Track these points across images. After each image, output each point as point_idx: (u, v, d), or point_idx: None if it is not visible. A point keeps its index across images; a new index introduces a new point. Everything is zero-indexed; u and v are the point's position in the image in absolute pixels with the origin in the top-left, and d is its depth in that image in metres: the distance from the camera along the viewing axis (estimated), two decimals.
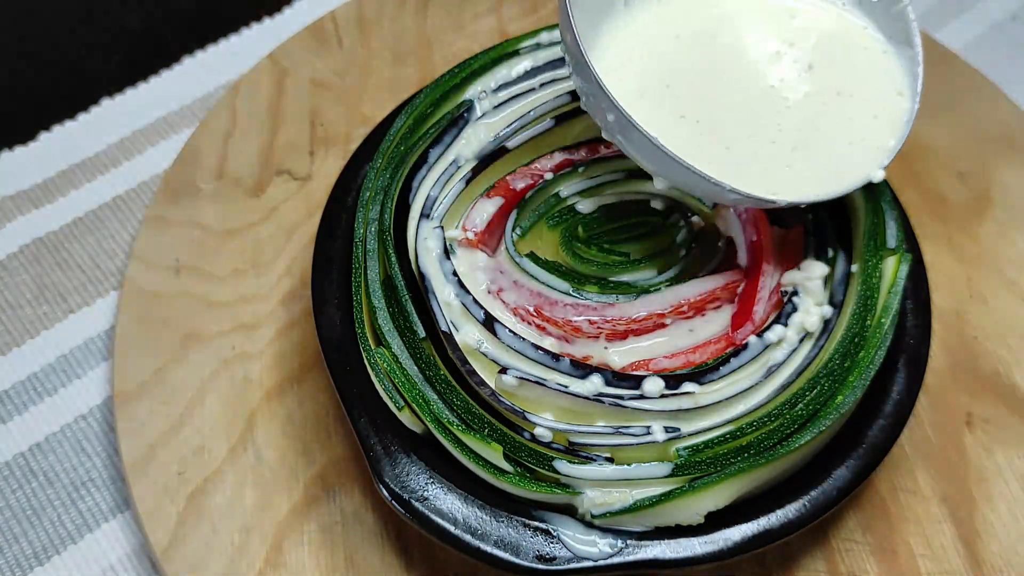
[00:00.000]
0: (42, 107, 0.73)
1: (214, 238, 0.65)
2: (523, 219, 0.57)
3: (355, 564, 0.55)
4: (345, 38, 0.74)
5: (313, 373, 0.60)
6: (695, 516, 0.50)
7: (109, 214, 0.68)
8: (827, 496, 0.51)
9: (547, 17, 0.76)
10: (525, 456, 0.50)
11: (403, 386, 0.52)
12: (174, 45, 0.76)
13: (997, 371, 0.62)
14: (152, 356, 0.60)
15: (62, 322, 0.64)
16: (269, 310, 0.63)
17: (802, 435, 0.50)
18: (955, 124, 0.71)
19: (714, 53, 0.54)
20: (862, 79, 0.54)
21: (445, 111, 0.60)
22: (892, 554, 0.56)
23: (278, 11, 0.79)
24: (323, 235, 0.59)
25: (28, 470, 0.59)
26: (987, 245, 0.66)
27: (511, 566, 0.49)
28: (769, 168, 0.51)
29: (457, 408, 0.52)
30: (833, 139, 0.52)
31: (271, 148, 0.69)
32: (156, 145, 0.71)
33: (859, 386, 0.52)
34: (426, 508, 0.50)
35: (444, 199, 0.57)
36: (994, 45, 0.80)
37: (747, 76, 0.53)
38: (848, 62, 0.54)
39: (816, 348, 0.53)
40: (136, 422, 0.58)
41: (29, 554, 0.57)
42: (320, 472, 0.57)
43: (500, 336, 0.52)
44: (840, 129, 0.53)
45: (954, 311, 0.64)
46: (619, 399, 0.51)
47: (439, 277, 0.54)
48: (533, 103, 0.59)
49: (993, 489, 0.58)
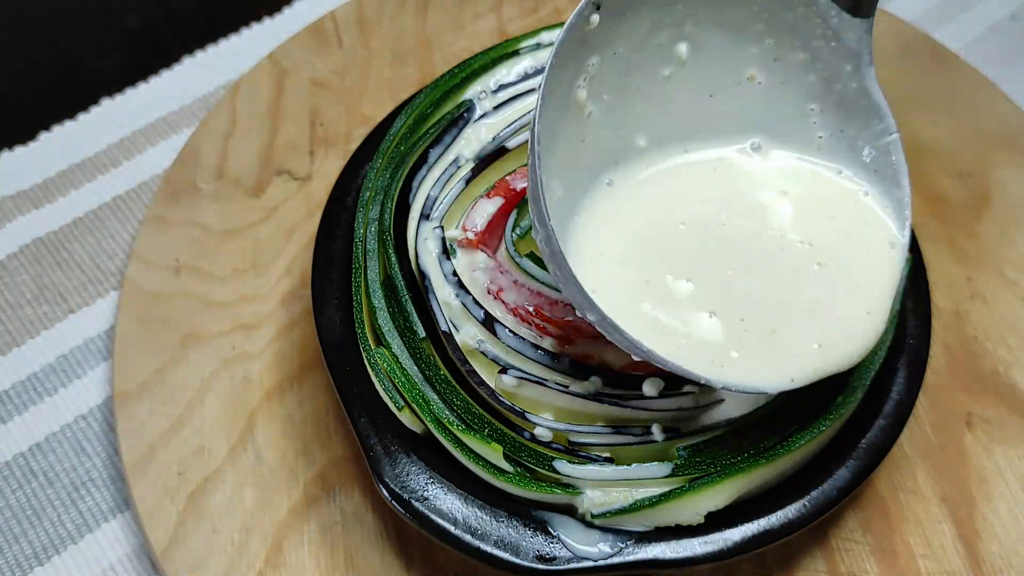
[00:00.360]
0: (42, 107, 0.73)
1: (214, 238, 0.65)
2: (523, 219, 0.57)
3: (355, 564, 0.55)
4: (345, 38, 0.74)
5: (313, 373, 0.60)
6: (695, 516, 0.50)
7: (109, 214, 0.68)
8: (827, 496, 0.51)
9: (547, 17, 0.76)
10: (525, 456, 0.50)
11: (403, 386, 0.52)
12: (174, 45, 0.76)
13: (997, 371, 0.62)
14: (152, 356, 0.60)
15: (62, 322, 0.64)
16: (269, 310, 0.63)
17: (802, 435, 0.50)
18: (955, 124, 0.71)
19: (710, 236, 0.50)
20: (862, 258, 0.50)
21: (445, 111, 0.60)
22: (892, 554, 0.56)
23: (278, 11, 0.79)
24: (323, 235, 0.59)
25: (28, 470, 0.59)
26: (987, 245, 0.66)
27: (511, 566, 0.49)
28: (778, 353, 0.48)
29: (457, 408, 0.52)
30: (839, 313, 0.49)
31: (271, 148, 0.69)
32: (156, 145, 0.71)
33: (859, 386, 0.52)
34: (426, 508, 0.50)
35: (444, 199, 0.57)
36: (994, 45, 0.80)
37: (745, 254, 0.50)
38: (846, 238, 0.50)
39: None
40: (136, 422, 0.58)
41: (29, 554, 0.57)
42: (320, 472, 0.57)
43: (500, 336, 0.52)
44: (842, 303, 0.49)
45: (954, 311, 0.64)
46: (619, 399, 0.51)
47: (439, 277, 0.54)
48: (533, 103, 0.59)
49: (993, 489, 0.58)
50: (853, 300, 0.49)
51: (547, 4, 0.77)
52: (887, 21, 0.76)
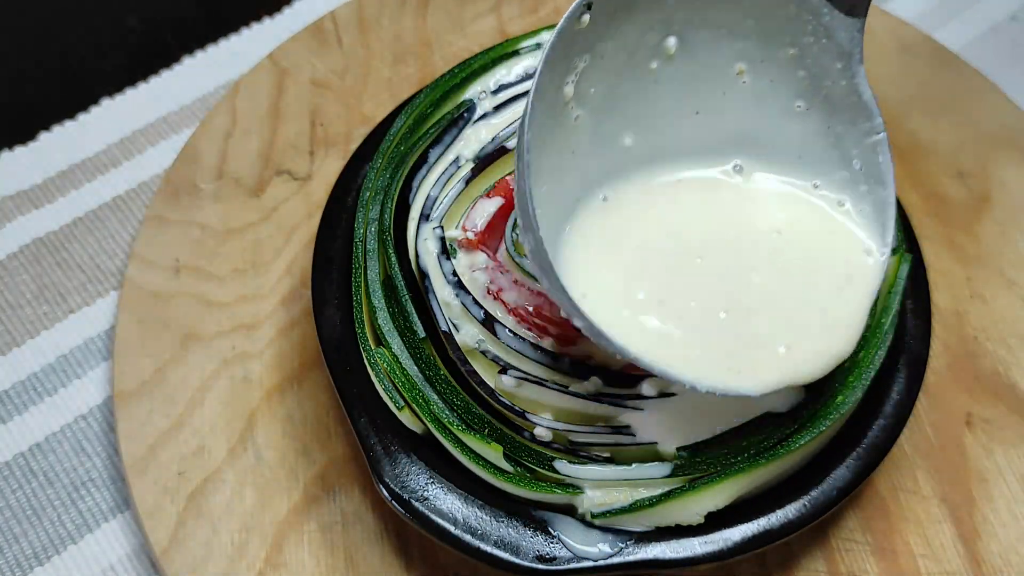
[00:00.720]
0: (42, 107, 0.73)
1: (214, 238, 0.65)
2: None
3: (355, 564, 0.55)
4: (345, 38, 0.74)
5: (313, 373, 0.60)
6: (695, 516, 0.50)
7: (109, 214, 0.68)
8: (827, 496, 0.51)
9: (547, 17, 0.76)
10: (525, 456, 0.50)
11: (403, 386, 0.52)
12: (174, 45, 0.76)
13: (997, 371, 0.62)
14: (152, 356, 0.60)
15: (62, 322, 0.64)
16: (269, 310, 0.63)
17: (802, 435, 0.50)
18: (955, 124, 0.71)
19: (693, 253, 0.51)
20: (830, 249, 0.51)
21: (445, 111, 0.60)
22: (892, 554, 0.56)
23: (278, 11, 0.79)
24: (323, 235, 0.59)
25: (28, 470, 0.59)
26: (987, 245, 0.66)
27: (511, 566, 0.49)
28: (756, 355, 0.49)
29: (457, 408, 0.52)
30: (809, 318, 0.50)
31: (271, 148, 0.69)
32: (156, 145, 0.71)
33: (859, 386, 0.52)
34: (426, 508, 0.50)
35: (444, 199, 0.57)
36: (994, 45, 0.80)
37: (725, 270, 0.51)
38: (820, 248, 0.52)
39: None
40: (136, 422, 0.58)
41: (29, 554, 0.57)
42: (320, 472, 0.57)
43: (500, 336, 0.52)
44: (815, 308, 0.50)
45: (954, 311, 0.64)
46: (619, 399, 0.51)
47: (439, 277, 0.54)
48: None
49: (993, 489, 0.58)
50: (828, 313, 0.50)
51: (547, 4, 0.77)
52: (887, 21, 0.76)
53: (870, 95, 0.51)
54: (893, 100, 0.72)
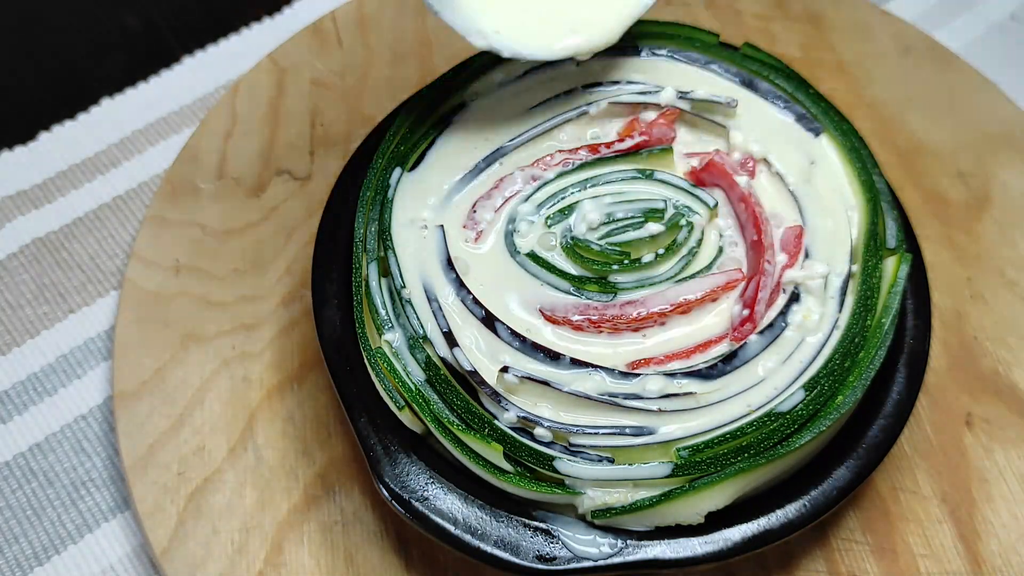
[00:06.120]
0: (42, 107, 0.73)
1: (214, 238, 0.65)
2: (523, 218, 0.57)
3: (355, 564, 0.55)
4: (345, 38, 0.74)
5: (313, 373, 0.60)
6: (695, 516, 0.50)
7: (109, 214, 0.68)
8: (827, 496, 0.51)
9: None
10: (525, 456, 0.50)
11: (403, 386, 0.52)
12: (174, 45, 0.76)
13: (997, 371, 0.62)
14: (152, 356, 0.60)
15: (62, 322, 0.64)
16: (269, 310, 0.63)
17: (802, 435, 0.50)
18: (955, 124, 0.71)
19: None
20: None
21: (445, 111, 0.60)
22: (892, 554, 0.56)
23: (278, 11, 0.79)
24: (323, 235, 0.58)
25: (28, 470, 0.59)
26: (987, 245, 0.66)
27: (511, 566, 0.49)
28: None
29: (457, 408, 0.52)
30: None
31: (271, 148, 0.69)
32: (156, 145, 0.71)
33: (859, 386, 0.52)
34: (426, 508, 0.50)
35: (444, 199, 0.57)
36: (994, 45, 0.80)
37: None
38: None
39: (817, 348, 0.53)
40: (136, 422, 0.58)
41: (29, 554, 0.57)
42: (320, 472, 0.57)
43: (500, 335, 0.52)
44: None
45: (954, 311, 0.64)
46: (620, 398, 0.51)
47: (439, 277, 0.54)
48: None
49: (993, 489, 0.58)
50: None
51: None
52: (887, 21, 0.76)
53: None
54: (893, 100, 0.72)
